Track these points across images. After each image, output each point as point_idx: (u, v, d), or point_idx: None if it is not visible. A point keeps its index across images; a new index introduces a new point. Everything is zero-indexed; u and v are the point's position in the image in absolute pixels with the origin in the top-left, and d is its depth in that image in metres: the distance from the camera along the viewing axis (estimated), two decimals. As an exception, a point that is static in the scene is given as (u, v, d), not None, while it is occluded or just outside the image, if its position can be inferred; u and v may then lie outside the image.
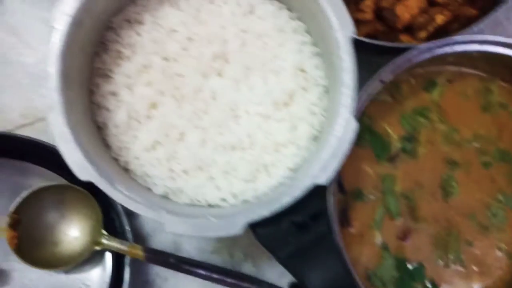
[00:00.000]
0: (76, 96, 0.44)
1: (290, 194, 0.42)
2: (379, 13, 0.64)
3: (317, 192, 0.44)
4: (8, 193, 0.56)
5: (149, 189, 0.48)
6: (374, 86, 0.49)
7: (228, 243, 0.62)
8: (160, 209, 0.41)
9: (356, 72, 0.44)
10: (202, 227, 0.41)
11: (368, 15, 0.62)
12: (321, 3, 0.44)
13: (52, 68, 0.41)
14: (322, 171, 0.43)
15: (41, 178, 0.57)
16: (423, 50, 0.51)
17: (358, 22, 0.63)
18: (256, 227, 0.43)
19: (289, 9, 0.52)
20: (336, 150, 0.43)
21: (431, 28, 0.62)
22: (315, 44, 0.51)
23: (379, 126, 0.56)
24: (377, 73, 0.50)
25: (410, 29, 0.64)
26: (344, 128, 0.43)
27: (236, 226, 0.41)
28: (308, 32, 0.52)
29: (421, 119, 0.56)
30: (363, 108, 0.50)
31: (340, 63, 0.44)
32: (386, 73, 0.49)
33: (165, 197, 0.48)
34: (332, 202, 0.47)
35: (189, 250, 0.63)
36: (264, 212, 0.42)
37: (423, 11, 0.63)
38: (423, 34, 0.62)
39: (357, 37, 0.45)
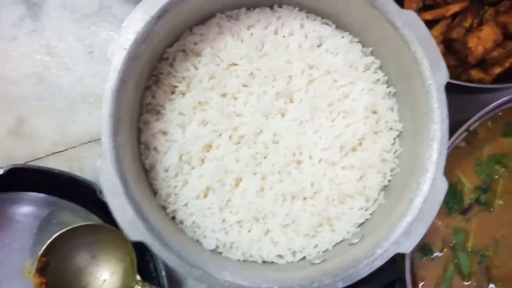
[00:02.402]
0: (126, 139, 0.39)
1: (368, 263, 0.37)
2: (448, 45, 0.59)
3: (393, 258, 0.38)
4: (35, 230, 0.51)
5: (198, 243, 0.42)
6: (459, 136, 0.44)
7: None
8: (221, 277, 0.36)
9: (448, 124, 0.39)
10: (268, 299, 0.36)
11: (440, 48, 0.56)
12: (411, 42, 0.39)
13: (106, 110, 0.36)
14: (406, 237, 0.37)
15: (70, 214, 0.52)
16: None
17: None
18: (324, 297, 0.38)
19: (362, 42, 0.46)
20: (423, 213, 0.38)
21: (507, 64, 0.56)
22: (389, 82, 0.46)
23: (452, 174, 0.50)
24: (467, 123, 0.44)
25: (481, 63, 0.58)
26: (432, 188, 0.38)
27: (307, 299, 0.36)
28: (382, 68, 0.46)
29: (499, 168, 0.50)
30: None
31: (430, 113, 0.39)
32: (475, 122, 0.44)
33: (216, 252, 0.42)
34: (409, 267, 0.41)
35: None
36: (340, 284, 0.36)
37: (498, 44, 0.57)
38: (497, 69, 0.57)
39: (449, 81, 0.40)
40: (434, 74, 0.39)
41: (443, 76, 0.39)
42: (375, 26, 0.43)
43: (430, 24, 0.60)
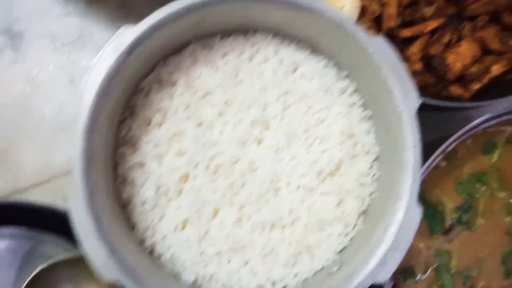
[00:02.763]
0: (100, 175, 0.39)
1: (344, 295, 0.37)
2: (427, 61, 0.59)
3: (372, 285, 0.38)
4: (17, 264, 0.51)
5: (177, 277, 0.42)
6: (438, 156, 0.44)
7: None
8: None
9: (421, 149, 0.39)
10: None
11: (418, 65, 0.57)
12: (381, 68, 0.39)
13: (76, 148, 0.36)
14: (381, 267, 0.37)
15: (53, 246, 0.52)
16: (492, 118, 0.46)
17: (404, 73, 0.58)
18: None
19: (337, 65, 0.46)
20: (398, 242, 0.37)
21: (485, 80, 0.57)
22: (365, 105, 0.46)
23: (433, 194, 0.50)
24: (444, 144, 0.44)
25: (461, 79, 0.58)
26: (406, 216, 0.38)
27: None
28: (357, 91, 0.46)
29: (479, 186, 0.50)
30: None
31: (402, 138, 0.39)
32: (451, 144, 0.44)
33: (195, 285, 0.42)
34: (389, 294, 0.41)
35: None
36: (316, 318, 0.36)
37: (476, 60, 0.58)
38: (476, 85, 0.57)
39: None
40: (405, 99, 0.39)
41: (414, 101, 0.39)
42: (348, 50, 0.43)
43: (409, 41, 0.60)
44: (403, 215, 0.38)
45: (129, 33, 0.39)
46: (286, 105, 0.45)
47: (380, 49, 0.40)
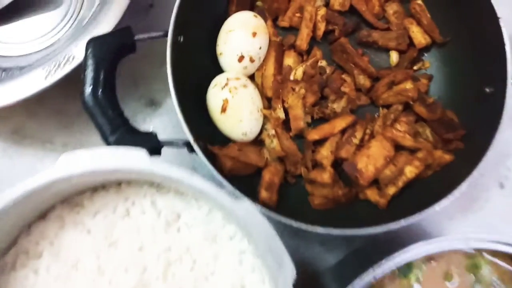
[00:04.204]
0: None
1: None
2: (339, 164, 0.55)
3: None
4: None
5: None
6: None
7: None
8: None
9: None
10: None
11: (326, 175, 0.53)
12: (250, 233, 0.35)
13: None
14: None
15: None
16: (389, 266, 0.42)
17: (314, 184, 0.54)
18: None
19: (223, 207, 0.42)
20: None
21: (400, 184, 0.53)
22: (257, 251, 0.42)
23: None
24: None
25: (377, 181, 0.54)
26: None
27: None
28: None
29: (399, 312, 0.46)
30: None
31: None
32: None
33: None
34: None
35: None
36: None
37: (389, 160, 0.54)
38: (392, 190, 0.53)
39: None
40: (279, 270, 0.35)
41: (289, 273, 0.35)
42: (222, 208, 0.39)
43: (320, 141, 0.56)
44: None
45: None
46: (169, 262, 0.41)
47: (248, 215, 0.36)
